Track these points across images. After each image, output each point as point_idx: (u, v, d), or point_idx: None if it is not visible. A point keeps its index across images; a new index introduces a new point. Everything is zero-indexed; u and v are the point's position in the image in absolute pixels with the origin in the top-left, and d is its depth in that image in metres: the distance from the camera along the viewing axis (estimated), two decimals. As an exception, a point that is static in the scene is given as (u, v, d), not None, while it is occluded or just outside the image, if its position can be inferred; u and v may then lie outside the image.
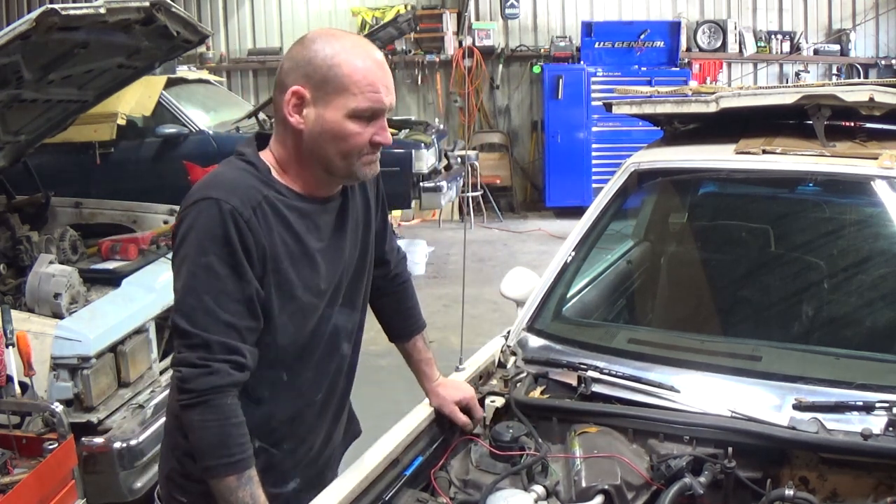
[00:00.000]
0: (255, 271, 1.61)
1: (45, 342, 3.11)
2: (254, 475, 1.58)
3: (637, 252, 3.03)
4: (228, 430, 1.56)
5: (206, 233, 1.57)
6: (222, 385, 1.56)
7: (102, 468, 3.10)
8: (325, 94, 1.61)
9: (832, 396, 1.92)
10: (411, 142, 7.19)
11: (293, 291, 1.68)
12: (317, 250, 1.72)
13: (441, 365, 2.13)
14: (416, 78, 10.35)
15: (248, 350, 1.61)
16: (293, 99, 1.62)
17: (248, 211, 1.59)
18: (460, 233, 9.17)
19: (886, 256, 2.49)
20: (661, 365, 2.14)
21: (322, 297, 1.75)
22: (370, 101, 1.61)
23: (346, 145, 1.64)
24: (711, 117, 2.67)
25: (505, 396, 2.11)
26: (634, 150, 2.93)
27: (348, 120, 1.62)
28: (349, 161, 1.66)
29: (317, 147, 1.65)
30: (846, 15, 9.91)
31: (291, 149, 1.69)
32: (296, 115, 1.63)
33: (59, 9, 2.94)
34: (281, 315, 1.68)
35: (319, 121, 1.62)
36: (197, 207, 1.60)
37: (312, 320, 1.75)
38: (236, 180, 1.64)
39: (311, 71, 1.61)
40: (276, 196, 1.66)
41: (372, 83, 1.61)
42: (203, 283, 1.57)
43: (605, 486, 1.75)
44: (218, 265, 1.56)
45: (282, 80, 1.65)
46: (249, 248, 1.59)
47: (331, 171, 1.68)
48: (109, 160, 6.17)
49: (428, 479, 1.87)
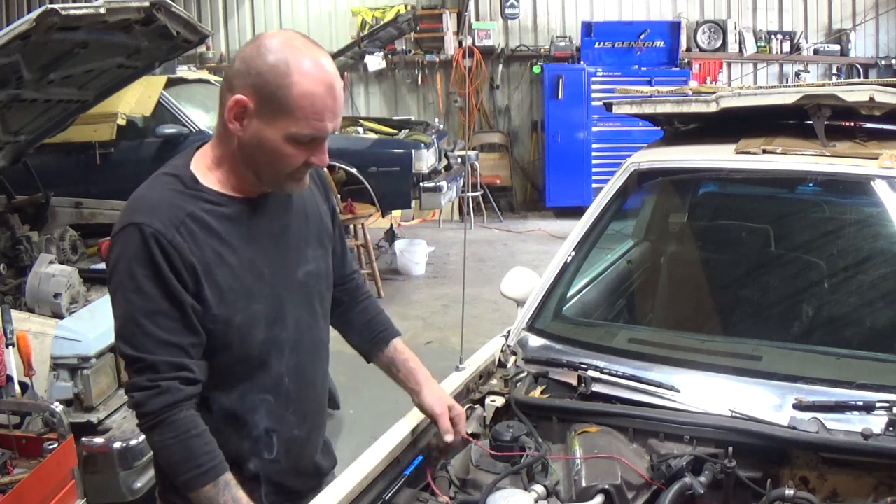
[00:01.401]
0: (187, 288, 1.60)
1: (45, 342, 3.11)
2: (230, 479, 1.58)
3: (637, 252, 3.03)
4: (190, 444, 1.57)
5: (133, 259, 1.58)
6: (174, 402, 1.57)
7: (102, 468, 3.10)
8: (268, 111, 1.57)
9: (832, 396, 1.92)
10: (411, 142, 7.19)
11: (236, 301, 1.66)
12: (254, 254, 1.69)
13: (441, 365, 2.13)
14: (416, 78, 10.35)
15: (195, 364, 1.61)
16: (236, 107, 1.59)
17: (170, 231, 1.59)
18: (460, 233, 9.17)
19: (886, 256, 2.49)
20: (662, 365, 2.14)
21: (271, 302, 1.72)
22: (312, 128, 1.58)
23: (279, 164, 1.62)
24: (711, 117, 2.67)
25: (505, 396, 2.11)
26: (634, 150, 2.93)
27: (286, 142, 1.59)
28: (278, 177, 1.65)
29: (250, 156, 1.64)
30: (846, 15, 9.91)
31: (227, 149, 1.67)
32: (236, 122, 1.61)
33: (59, 9, 2.94)
34: (230, 325, 1.66)
35: (258, 135, 1.60)
36: (122, 235, 1.61)
37: (265, 326, 1.71)
38: (157, 200, 1.64)
39: (260, 83, 1.56)
40: (204, 207, 1.65)
41: (318, 112, 1.57)
42: (138, 308, 1.58)
43: (606, 485, 1.75)
44: (148, 287, 1.57)
45: (230, 80, 1.62)
46: (177, 266, 1.58)
47: (259, 178, 1.67)
48: (109, 160, 6.17)
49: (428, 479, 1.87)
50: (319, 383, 1.91)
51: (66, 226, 4.38)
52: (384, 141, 7.35)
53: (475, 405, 2.12)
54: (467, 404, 2.10)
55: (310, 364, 1.84)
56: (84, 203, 4.74)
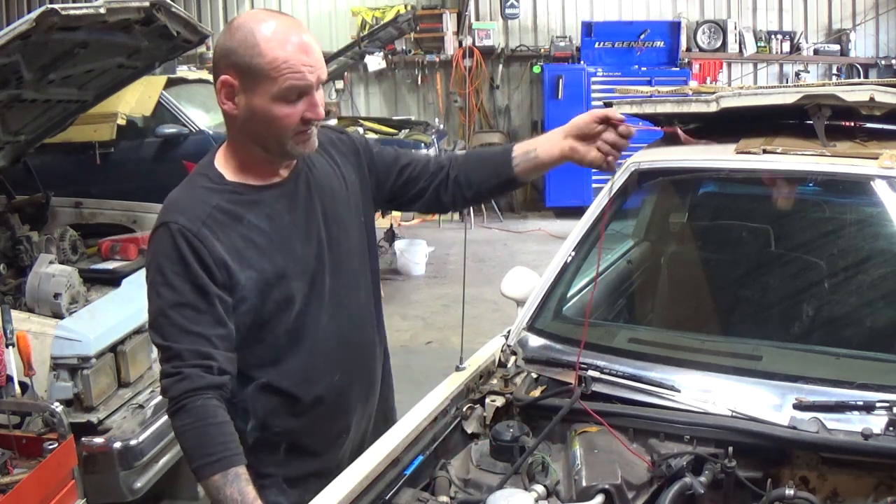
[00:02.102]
0: (216, 279, 1.67)
1: (45, 342, 3.11)
2: (241, 472, 1.60)
3: (637, 252, 3.03)
4: (206, 431, 1.61)
5: (163, 256, 1.69)
6: (195, 388, 1.62)
7: (102, 468, 3.10)
8: (251, 82, 1.67)
9: (833, 396, 1.91)
10: (411, 142, 7.19)
11: (270, 281, 1.74)
12: (284, 235, 1.77)
13: (441, 365, 2.13)
14: (416, 78, 10.35)
15: (223, 355, 1.66)
16: (224, 88, 1.70)
17: (196, 225, 1.68)
18: (460, 233, 9.17)
19: (886, 256, 2.49)
20: (662, 364, 2.14)
21: (305, 279, 1.79)
22: (293, 81, 1.66)
23: (276, 127, 1.70)
24: (712, 117, 2.67)
25: (505, 396, 2.10)
26: (634, 150, 2.93)
27: (275, 103, 1.67)
28: (282, 141, 1.72)
29: (250, 130, 1.73)
30: (846, 15, 9.91)
31: (234, 133, 1.78)
32: (228, 101, 1.71)
33: (59, 9, 2.94)
34: (265, 306, 1.74)
35: (249, 106, 1.69)
36: (154, 236, 1.72)
37: (302, 301, 1.79)
38: (184, 198, 1.74)
39: (235, 59, 1.67)
40: (230, 198, 1.74)
41: (293, 66, 1.65)
42: (167, 300, 1.66)
43: (606, 485, 1.75)
44: (177, 282, 1.66)
45: (214, 69, 1.73)
46: (204, 258, 1.67)
47: (268, 150, 1.75)
48: (109, 160, 6.16)
49: (428, 479, 1.87)
50: (367, 351, 1.98)
51: (66, 226, 4.37)
52: (384, 141, 7.36)
53: (475, 405, 2.11)
54: (467, 404, 2.10)
55: (354, 333, 1.91)
56: (84, 203, 4.73)
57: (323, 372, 1.85)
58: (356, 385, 1.93)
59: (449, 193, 2.04)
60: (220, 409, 1.64)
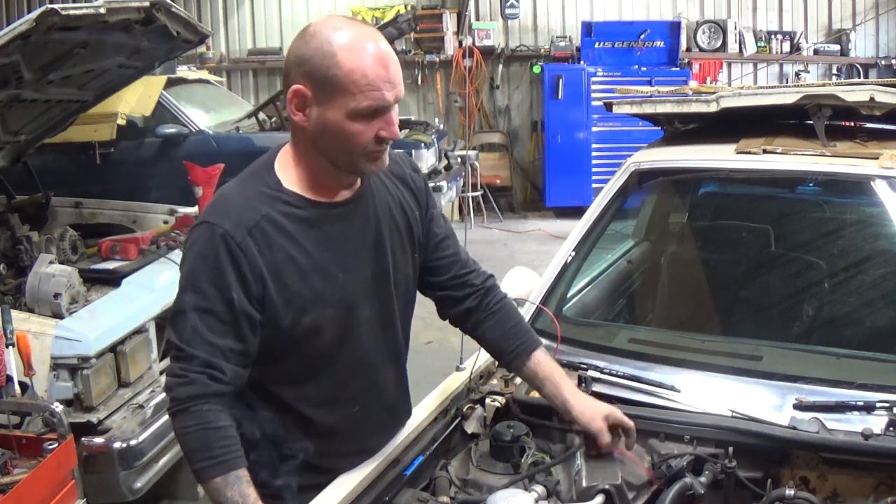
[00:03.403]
0: (250, 292, 1.62)
1: (45, 342, 3.10)
2: (243, 475, 1.59)
3: (637, 252, 3.03)
4: (208, 434, 1.59)
5: (199, 256, 1.63)
6: (200, 394, 1.60)
7: (102, 468, 3.10)
8: (325, 94, 1.59)
9: (833, 396, 1.92)
10: (411, 142, 7.19)
11: (304, 305, 1.67)
12: (328, 258, 1.70)
13: (441, 365, 2.13)
14: (416, 78, 10.34)
15: (232, 370, 1.62)
16: (295, 98, 1.62)
17: (241, 233, 1.61)
18: (460, 233, 9.09)
19: (886, 256, 2.49)
20: (662, 365, 2.14)
21: (342, 307, 1.73)
22: (371, 99, 1.58)
23: (349, 144, 1.63)
24: (712, 117, 2.67)
25: (505, 396, 2.10)
26: (634, 150, 2.93)
27: (350, 120, 1.60)
28: (353, 158, 1.65)
29: (321, 144, 1.65)
30: (846, 15, 9.91)
31: (300, 143, 1.70)
32: (299, 113, 1.63)
33: (59, 9, 2.94)
34: (297, 327, 1.68)
35: (322, 119, 1.61)
36: (196, 231, 1.66)
37: (335, 329, 1.73)
38: (235, 200, 1.67)
39: (310, 69, 1.59)
40: (281, 209, 1.66)
41: (372, 82, 1.57)
42: (191, 303, 1.61)
43: (606, 485, 1.75)
44: (207, 286, 1.60)
45: (286, 76, 1.65)
46: (243, 270, 1.61)
47: (336, 165, 1.68)
48: (109, 160, 6.17)
49: (428, 479, 1.87)
50: (391, 388, 1.90)
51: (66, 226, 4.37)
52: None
53: (475, 405, 2.11)
54: (467, 404, 2.10)
55: (381, 368, 1.85)
56: (84, 203, 4.73)
57: (343, 402, 1.80)
58: (374, 417, 1.87)
59: (453, 313, 1.97)
60: (223, 413, 1.62)
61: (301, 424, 1.76)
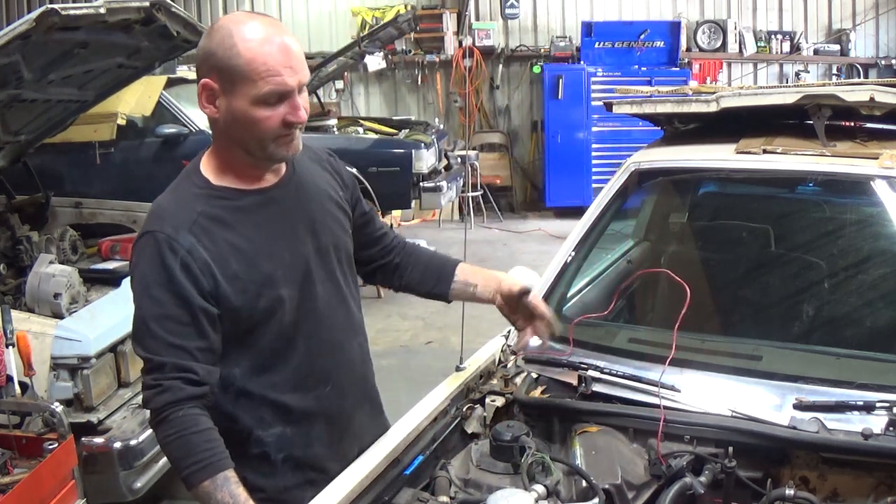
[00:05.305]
0: (202, 288, 1.65)
1: (45, 342, 3.11)
2: (230, 476, 1.60)
3: (637, 252, 3.03)
4: (190, 439, 1.60)
5: (147, 265, 1.66)
6: (176, 400, 1.61)
7: (102, 468, 3.10)
8: (230, 84, 1.64)
9: (833, 396, 1.91)
10: (411, 142, 7.19)
11: (257, 290, 1.71)
12: (272, 241, 1.75)
13: (441, 365, 2.13)
14: (416, 78, 10.35)
15: (203, 368, 1.65)
16: (204, 92, 1.68)
17: (181, 233, 1.66)
18: (460, 233, 9.16)
19: (886, 256, 2.49)
20: (662, 364, 2.14)
21: (296, 285, 1.77)
22: (272, 84, 1.63)
23: (257, 130, 1.67)
24: (712, 117, 2.67)
25: (505, 396, 2.10)
26: (634, 150, 2.93)
27: (254, 107, 1.65)
28: (264, 144, 1.70)
29: (233, 133, 1.70)
30: (846, 15, 9.91)
31: (218, 137, 1.76)
32: (209, 105, 1.69)
33: (59, 9, 2.94)
34: (254, 311, 1.72)
35: (230, 109, 1.67)
36: (139, 243, 1.70)
37: (293, 309, 1.77)
38: (170, 206, 1.72)
39: (215, 62, 1.65)
40: (216, 203, 1.72)
41: (272, 68, 1.62)
42: (148, 312, 1.64)
43: (606, 485, 1.75)
44: (159, 292, 1.64)
45: (197, 72, 1.71)
46: (191, 268, 1.65)
47: (250, 153, 1.73)
48: (109, 160, 6.17)
49: (428, 479, 1.87)
50: (358, 360, 1.96)
51: (66, 226, 4.38)
52: (384, 141, 7.35)
53: (475, 405, 2.11)
54: (467, 404, 2.10)
55: (346, 342, 1.90)
56: (84, 203, 4.73)
57: (313, 383, 1.83)
58: (349, 395, 1.91)
59: (384, 275, 2.11)
60: (203, 416, 1.63)
61: (280, 414, 1.79)
